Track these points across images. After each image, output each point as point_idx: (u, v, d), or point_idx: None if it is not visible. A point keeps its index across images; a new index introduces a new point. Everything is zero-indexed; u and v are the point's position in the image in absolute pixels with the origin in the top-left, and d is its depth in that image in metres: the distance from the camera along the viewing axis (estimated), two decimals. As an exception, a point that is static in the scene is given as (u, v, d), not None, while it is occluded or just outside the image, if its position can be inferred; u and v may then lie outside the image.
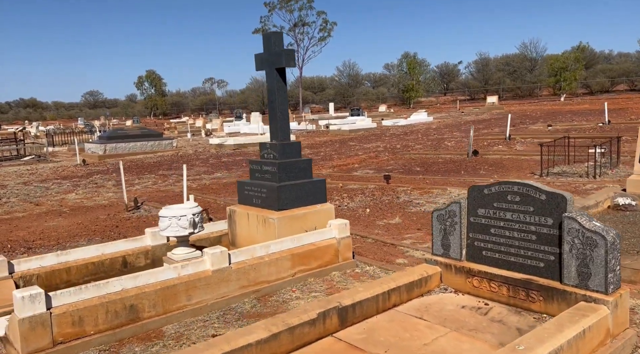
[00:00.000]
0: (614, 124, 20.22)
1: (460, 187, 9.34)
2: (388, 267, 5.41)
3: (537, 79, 57.42)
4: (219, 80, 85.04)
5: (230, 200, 9.99)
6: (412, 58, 53.45)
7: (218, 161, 17.33)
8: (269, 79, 5.82)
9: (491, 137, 18.53)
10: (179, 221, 5.07)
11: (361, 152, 17.21)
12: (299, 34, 64.05)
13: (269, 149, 5.84)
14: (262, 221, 5.59)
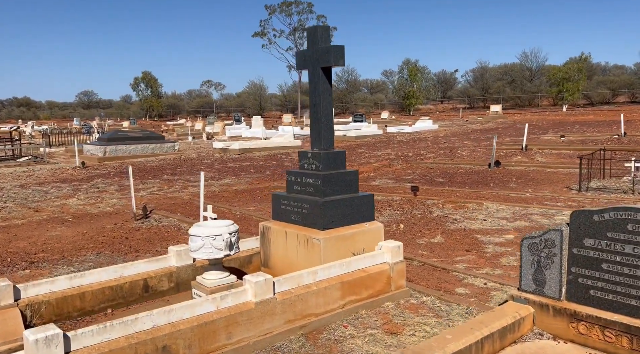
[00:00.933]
0: (630, 136, 19.71)
1: (497, 202, 8.70)
2: (448, 298, 4.72)
3: (537, 88, 57.26)
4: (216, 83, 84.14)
5: (246, 210, 9.28)
6: (413, 65, 53.02)
7: (224, 166, 16.60)
8: (313, 79, 5.14)
9: (505, 147, 17.95)
10: (213, 241, 4.37)
11: (373, 160, 16.56)
12: (298, 39, 63.60)
13: (311, 158, 5.15)
14: (303, 241, 4.89)
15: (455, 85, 76.40)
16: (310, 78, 5.17)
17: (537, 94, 56.22)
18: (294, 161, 17.21)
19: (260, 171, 15.03)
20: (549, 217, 7.62)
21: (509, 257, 5.85)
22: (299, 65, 5.28)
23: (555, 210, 7.97)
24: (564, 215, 7.68)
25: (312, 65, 5.13)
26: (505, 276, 5.27)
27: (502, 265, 5.62)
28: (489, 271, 5.42)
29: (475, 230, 7.18)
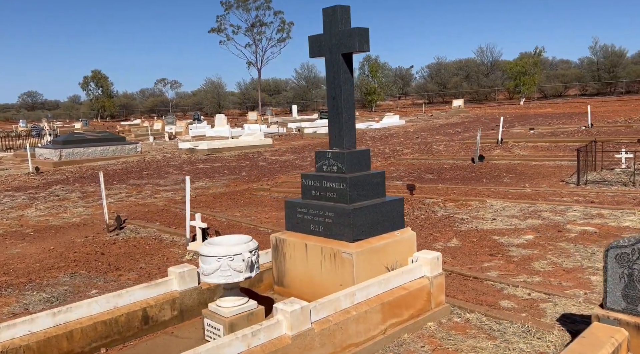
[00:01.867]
0: (597, 127, 19.99)
1: (500, 199, 8.27)
2: (496, 314, 4.16)
3: (493, 83, 58.37)
4: (172, 81, 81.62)
5: (231, 217, 8.50)
6: (374, 61, 52.89)
7: (194, 167, 15.63)
8: (332, 68, 4.46)
9: (481, 142, 17.76)
10: (231, 262, 3.64)
11: (351, 157, 15.98)
12: (256, 35, 62.35)
13: (331, 159, 4.48)
14: (329, 255, 4.22)
15: (411, 81, 76.98)
16: (328, 67, 4.50)
17: (493, 88, 57.30)
18: (269, 161, 16.44)
19: (235, 172, 14.18)
20: (560, 214, 7.24)
21: (541, 262, 5.37)
22: (313, 53, 4.60)
23: (564, 206, 7.61)
24: (575, 211, 7.32)
25: (330, 51, 4.45)
26: (546, 284, 4.77)
27: (536, 271, 5.13)
28: (526, 279, 4.91)
29: (489, 231, 6.70)
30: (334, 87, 4.48)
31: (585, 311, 4.10)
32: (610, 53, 55.67)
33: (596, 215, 7.05)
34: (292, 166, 14.94)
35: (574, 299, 4.33)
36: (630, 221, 6.64)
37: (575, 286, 4.66)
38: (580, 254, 5.53)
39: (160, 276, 5.77)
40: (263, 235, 7.23)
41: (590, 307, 4.16)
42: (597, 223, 6.68)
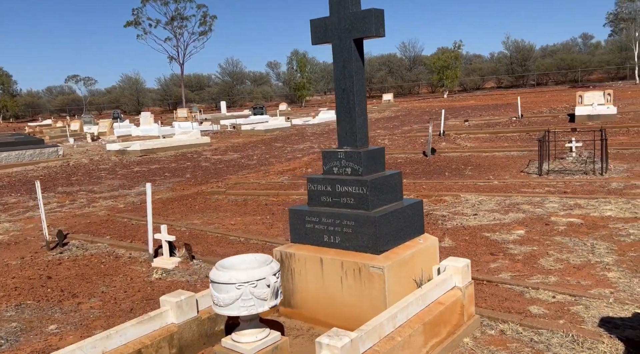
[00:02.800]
0: (527, 118, 20.83)
1: (474, 193, 8.11)
2: (531, 323, 3.83)
3: (417, 77, 60.06)
4: (85, 78, 76.51)
5: (192, 225, 7.70)
6: (302, 56, 52.45)
7: (129, 171, 14.38)
8: (341, 56, 3.91)
9: (421, 134, 17.89)
10: (254, 289, 3.01)
11: (299, 154, 15.45)
12: (177, 28, 59.72)
13: (344, 160, 3.94)
14: (352, 270, 3.68)
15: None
16: (337, 55, 3.94)
17: (417, 83, 58.95)
18: (212, 160, 15.50)
19: (178, 174, 13.17)
20: (539, 206, 7.16)
21: (547, 259, 5.16)
22: (317, 38, 4.02)
23: (540, 197, 7.56)
24: (553, 202, 7.28)
25: (339, 36, 3.90)
26: (565, 284, 4.54)
27: (547, 269, 4.90)
28: (542, 280, 4.65)
29: (476, 227, 6.45)
30: (344, 78, 3.94)
31: (621, 313, 3.88)
32: (521, 48, 59.15)
33: (574, 205, 7.04)
34: (239, 165, 14.15)
35: (604, 300, 4.10)
36: (610, 210, 6.66)
37: (595, 284, 4.45)
38: (581, 248, 5.39)
39: (129, 301, 4.96)
40: (235, 245, 6.54)
41: (625, 308, 3.95)
42: (579, 214, 6.64)
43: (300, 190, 9.53)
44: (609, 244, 5.41)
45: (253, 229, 7.25)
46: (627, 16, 47.50)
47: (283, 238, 6.65)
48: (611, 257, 5.03)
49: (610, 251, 5.21)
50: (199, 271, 5.70)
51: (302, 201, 8.81)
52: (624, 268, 4.75)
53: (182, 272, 5.69)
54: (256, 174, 12.39)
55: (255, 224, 7.54)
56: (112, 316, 4.65)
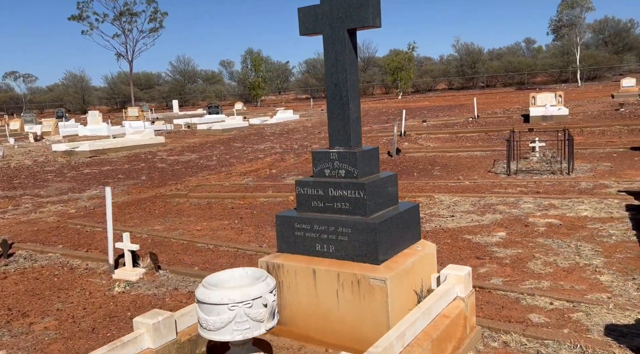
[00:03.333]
0: (483, 118, 21.19)
1: (447, 194, 7.97)
2: (534, 333, 3.63)
3: (371, 78, 60.50)
4: (24, 75, 72.56)
5: (153, 231, 7.17)
6: (256, 55, 51.65)
7: (78, 173, 13.49)
8: (333, 48, 3.58)
9: (382, 134, 17.82)
10: (250, 310, 2.64)
11: (260, 154, 14.98)
12: (126, 24, 57.52)
13: (337, 161, 3.61)
14: (349, 283, 3.35)
15: (290, 76, 76.97)
16: (328, 46, 3.60)
17: (371, 83, 59.38)
18: (168, 161, 14.80)
19: (133, 176, 12.44)
20: (514, 206, 7.08)
21: (534, 262, 5.02)
22: (305, 28, 3.67)
23: (514, 198, 7.50)
24: (527, 202, 7.22)
25: (330, 26, 3.56)
26: (560, 289, 4.38)
27: (537, 274, 4.75)
28: (535, 285, 4.49)
29: (456, 230, 6.27)
30: (337, 72, 3.60)
31: (624, 320, 3.74)
32: (471, 50, 60.74)
33: (549, 206, 7.00)
34: (198, 166, 13.54)
35: (603, 306, 3.96)
36: (585, 210, 6.65)
37: (590, 289, 4.32)
38: (566, 250, 5.29)
39: (90, 319, 4.44)
40: (204, 253, 6.09)
41: (626, 314, 3.81)
42: (556, 214, 6.59)
43: (268, 192, 9.12)
44: (593, 245, 5.34)
45: (221, 235, 6.80)
46: (568, 22, 49.66)
47: (255, 245, 6.25)
48: (599, 259, 4.94)
49: (596, 252, 5.12)
50: (167, 282, 5.22)
51: (270, 204, 8.42)
52: (614, 270, 4.66)
53: (147, 284, 5.20)
54: (217, 175, 11.87)
55: (223, 229, 7.09)
56: (71, 337, 4.13)
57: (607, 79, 50.38)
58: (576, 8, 47.13)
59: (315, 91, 60.65)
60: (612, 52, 56.60)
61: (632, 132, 14.07)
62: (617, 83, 41.73)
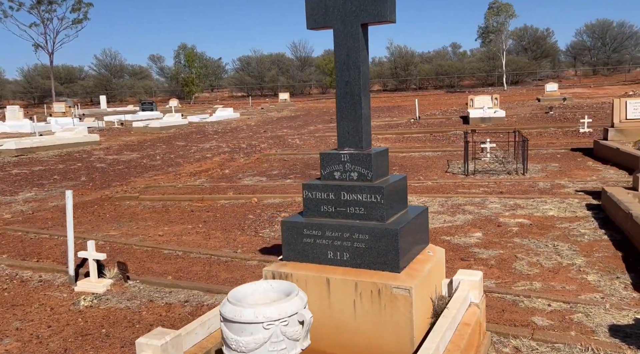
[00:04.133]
0: (424, 119, 21.71)
1: (413, 194, 7.97)
2: (543, 337, 3.61)
3: (308, 77, 60.61)
4: None
5: (109, 237, 6.61)
6: (190, 50, 50.04)
7: (6, 173, 12.33)
8: (344, 43, 3.37)
9: (330, 134, 17.78)
10: (286, 328, 2.39)
11: (208, 154, 14.41)
12: (45, 13, 53.79)
13: (350, 163, 3.40)
14: (368, 293, 3.16)
15: (223, 74, 75.40)
16: (340, 41, 3.39)
17: (308, 83, 59.47)
18: (107, 161, 13.88)
19: (71, 177, 11.53)
20: (482, 207, 7.18)
21: (520, 263, 5.06)
22: (315, 22, 3.43)
23: (479, 198, 7.61)
24: (493, 202, 7.35)
25: (342, 20, 3.35)
26: (552, 290, 4.43)
27: (526, 275, 4.78)
28: (528, 286, 4.51)
29: (432, 231, 6.23)
30: (349, 69, 3.40)
31: (623, 320, 3.81)
32: (404, 53, 62.42)
33: (514, 206, 7.16)
34: (142, 166, 12.80)
35: (600, 306, 4.02)
36: (550, 210, 6.86)
37: (581, 289, 4.40)
38: (544, 250, 5.38)
39: (59, 339, 3.96)
40: (174, 260, 5.67)
41: (623, 314, 3.90)
42: (524, 214, 6.75)
43: (228, 194, 8.72)
44: (569, 245, 5.48)
45: (188, 240, 6.38)
46: (495, 29, 52.27)
47: (229, 250, 5.90)
48: (580, 259, 5.06)
49: (575, 252, 5.26)
50: (139, 294, 4.78)
51: (232, 206, 8.05)
52: (597, 269, 4.78)
53: (117, 296, 4.73)
54: (165, 176, 11.26)
55: (187, 234, 6.65)
56: (40, 362, 3.64)
57: (528, 84, 53.48)
58: (501, 15, 49.71)
59: (251, 88, 59.85)
60: (531, 59, 60.16)
61: (566, 134, 14.90)
62: (538, 87, 44.48)
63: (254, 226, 6.85)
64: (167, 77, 66.14)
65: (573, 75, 60.35)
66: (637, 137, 10.57)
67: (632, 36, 61.44)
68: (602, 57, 61.47)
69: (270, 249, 5.84)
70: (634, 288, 4.35)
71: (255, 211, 7.59)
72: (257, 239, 6.28)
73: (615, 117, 11.05)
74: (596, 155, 10.89)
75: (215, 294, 4.68)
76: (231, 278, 5.06)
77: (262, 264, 5.37)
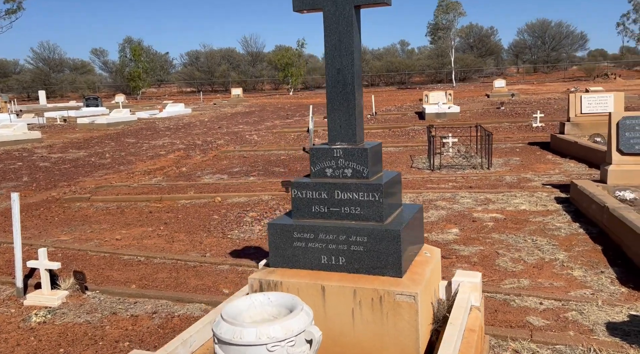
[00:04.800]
0: (380, 115, 21.73)
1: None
2: (542, 338, 3.46)
3: (260, 73, 59.77)
4: None
5: (59, 243, 6.04)
6: (136, 44, 48.12)
7: (-63, 173, 11.24)
8: (336, 26, 3.07)
9: (289, 130, 17.44)
10: (292, 348, 2.10)
11: (161, 151, 13.72)
12: (-25, 3, 50.22)
13: (344, 158, 3.11)
14: (369, 300, 2.88)
15: (171, 69, 73.14)
16: (330, 25, 3.09)
17: (260, 79, 58.65)
18: (51, 160, 12.96)
19: (11, 178, 10.65)
20: (454, 202, 7.08)
21: (502, 259, 4.94)
22: (301, 2, 3.11)
23: (450, 193, 7.51)
24: (464, 197, 7.26)
25: (334, 1, 3.05)
26: (541, 287, 4.31)
27: (511, 272, 4.66)
28: (516, 284, 4.38)
29: None
30: (340, 56, 3.10)
31: (618, 317, 3.71)
32: (355, 50, 62.62)
33: (486, 200, 7.10)
34: (91, 165, 12.01)
35: (592, 303, 3.93)
36: (522, 204, 6.83)
37: (569, 285, 4.30)
38: (524, 245, 5.29)
39: (10, 365, 3.46)
40: (136, 267, 5.21)
41: (616, 310, 3.81)
42: (496, 209, 6.68)
43: (189, 193, 8.24)
44: (548, 239, 5.42)
45: (149, 244, 5.91)
46: (444, 26, 53.39)
47: (196, 254, 5.49)
48: (561, 253, 5.00)
49: (555, 246, 5.20)
50: (100, 306, 4.32)
51: (194, 206, 7.59)
52: (580, 264, 4.72)
53: (75, 309, 4.25)
54: (117, 175, 10.59)
55: (148, 237, 6.17)
56: (-13, 392, 3.15)
57: (475, 81, 54.90)
58: (450, 13, 50.78)
59: (201, 84, 58.35)
60: (477, 56, 61.87)
61: (520, 129, 15.21)
62: (485, 84, 45.73)
63: (220, 227, 6.45)
64: (112, 71, 63.65)
65: (515, 73, 62.53)
66: (592, 130, 10.85)
67: (569, 36, 64.39)
68: (542, 55, 64.01)
69: (241, 252, 5.47)
70: (620, 282, 4.30)
71: (220, 211, 7.17)
72: (225, 241, 5.89)
73: (571, 112, 11.31)
74: (553, 148, 11.10)
75: (186, 303, 4.29)
76: (202, 284, 4.67)
77: (234, 269, 5.01)
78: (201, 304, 4.25)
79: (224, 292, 4.46)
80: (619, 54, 65.16)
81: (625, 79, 38.48)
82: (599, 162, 8.74)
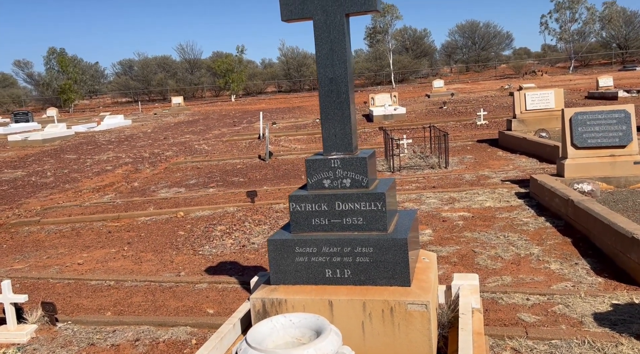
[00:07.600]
0: (328, 120, 21.78)
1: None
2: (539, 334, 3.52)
3: (199, 80, 58.57)
4: None
5: (12, 271, 5.60)
6: (62, 55, 45.72)
7: None
8: (327, 35, 3.01)
9: (239, 138, 17.16)
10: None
11: (107, 166, 13.09)
12: None
13: (342, 169, 3.05)
14: (379, 312, 2.83)
15: (102, 79, 70.23)
16: (321, 34, 3.02)
17: (200, 86, 57.49)
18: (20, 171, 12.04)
19: (-55, 202, 9.79)
20: (420, 202, 7.17)
21: (481, 257, 5.03)
22: (289, 12, 3.03)
23: (415, 194, 7.61)
24: (430, 197, 7.38)
25: (324, 10, 2.99)
26: (523, 283, 4.42)
27: (492, 269, 4.76)
28: (499, 282, 4.47)
29: None
30: (333, 65, 3.04)
31: (601, 307, 3.86)
32: (297, 54, 62.80)
33: (451, 199, 7.24)
34: (31, 185, 11.28)
35: (575, 295, 4.06)
36: (486, 201, 7.01)
37: (549, 279, 4.44)
38: (497, 242, 5.43)
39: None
40: (107, 292, 4.91)
41: (598, 300, 3.96)
42: (462, 207, 6.83)
43: (148, 209, 7.88)
44: (518, 235, 5.59)
45: (116, 266, 5.59)
46: (382, 29, 54.58)
47: (170, 274, 5.24)
48: (535, 248, 5.16)
49: (527, 241, 5.36)
50: (74, 338, 4.02)
51: (156, 223, 7.27)
52: (555, 257, 4.89)
53: (46, 344, 3.93)
54: (64, 194, 10.00)
55: (113, 259, 5.84)
56: None
57: (412, 81, 56.37)
58: (387, 16, 51.97)
59: (137, 93, 56.42)
60: (413, 58, 63.62)
61: (465, 127, 15.71)
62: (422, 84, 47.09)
63: (189, 243, 6.20)
64: (39, 84, 60.26)
65: (449, 72, 64.83)
66: (537, 126, 11.37)
67: (496, 35, 67.53)
68: (472, 55, 66.71)
69: (217, 269, 5.28)
70: (596, 272, 4.49)
71: (185, 226, 6.91)
72: (197, 258, 5.66)
73: (517, 109, 11.81)
74: (501, 145, 11.54)
75: (170, 327, 4.07)
76: (183, 306, 4.45)
77: (214, 287, 4.82)
78: (186, 326, 4.04)
79: (209, 312, 4.28)
80: (541, 52, 68.94)
81: (550, 75, 40.78)
82: (548, 156, 9.18)
